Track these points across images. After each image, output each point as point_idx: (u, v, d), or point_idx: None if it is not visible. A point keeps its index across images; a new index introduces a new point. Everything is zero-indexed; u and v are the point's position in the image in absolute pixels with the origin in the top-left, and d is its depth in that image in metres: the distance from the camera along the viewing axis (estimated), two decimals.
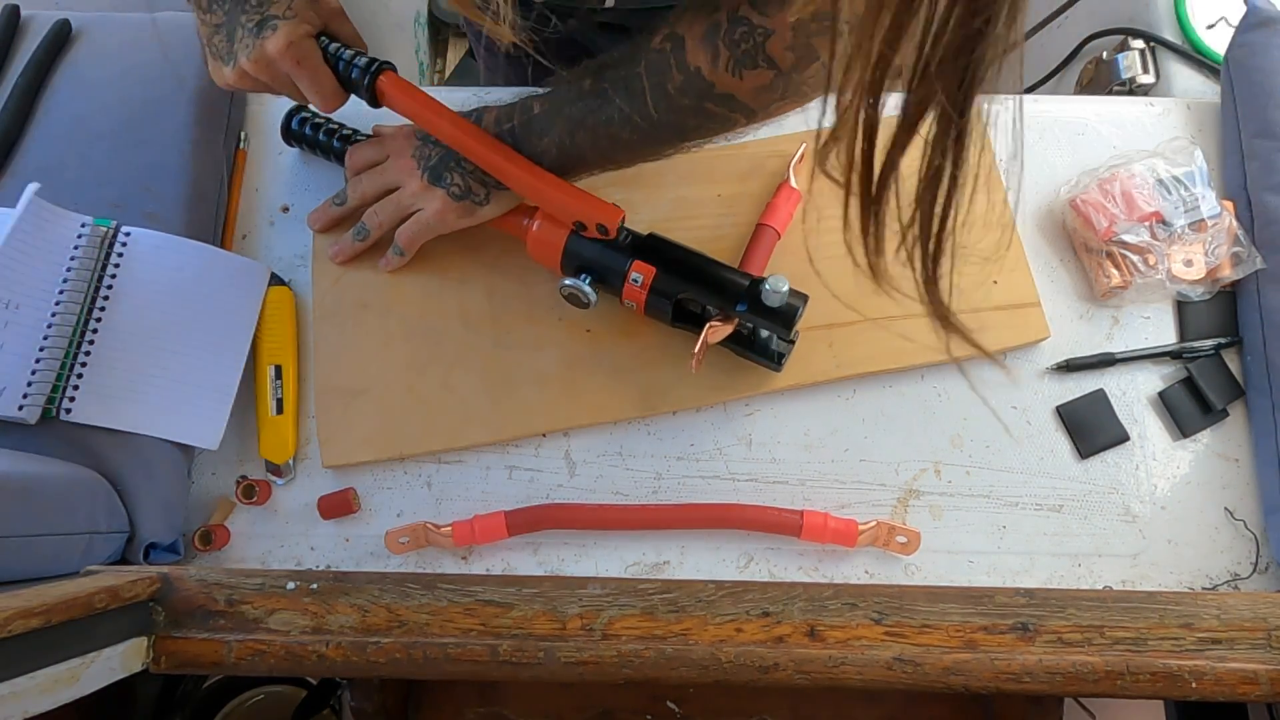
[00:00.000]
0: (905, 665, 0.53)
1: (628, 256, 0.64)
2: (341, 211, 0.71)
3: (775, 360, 0.65)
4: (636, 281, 0.64)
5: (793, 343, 0.66)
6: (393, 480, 0.69)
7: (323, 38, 0.64)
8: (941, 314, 0.44)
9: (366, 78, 0.64)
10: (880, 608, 0.55)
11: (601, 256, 0.65)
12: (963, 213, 0.40)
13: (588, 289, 0.65)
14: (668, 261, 0.64)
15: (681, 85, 0.56)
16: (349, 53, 0.65)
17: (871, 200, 0.40)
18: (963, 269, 0.69)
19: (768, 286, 0.61)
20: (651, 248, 0.65)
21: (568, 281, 0.65)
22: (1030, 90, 1.13)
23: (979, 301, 0.70)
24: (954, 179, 0.39)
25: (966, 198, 0.40)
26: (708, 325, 0.63)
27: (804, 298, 0.63)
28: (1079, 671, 0.53)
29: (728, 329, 0.64)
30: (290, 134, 0.75)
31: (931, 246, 0.41)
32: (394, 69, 0.66)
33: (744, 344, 0.66)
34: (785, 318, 0.62)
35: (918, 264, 0.42)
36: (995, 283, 0.70)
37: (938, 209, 0.40)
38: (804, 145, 0.71)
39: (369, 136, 0.72)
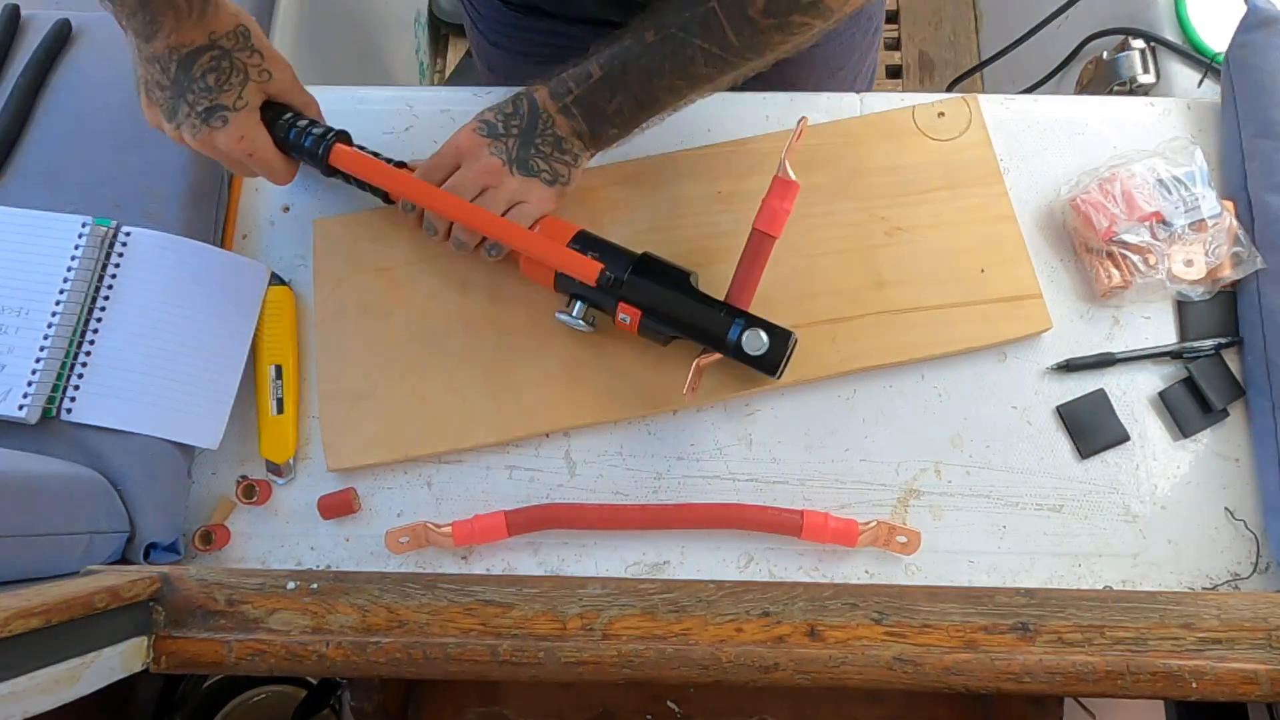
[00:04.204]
0: (905, 665, 0.53)
1: (614, 298, 0.65)
2: (434, 239, 0.68)
3: (773, 370, 0.64)
4: (625, 320, 0.65)
5: (790, 351, 0.65)
6: (393, 480, 0.69)
7: (270, 110, 0.65)
8: None
9: (320, 148, 0.66)
10: (880, 608, 0.55)
11: (590, 293, 0.65)
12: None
13: (581, 323, 0.66)
14: (651, 306, 0.64)
15: (765, 6, 0.55)
16: (303, 122, 0.66)
17: None
18: (956, 262, 0.70)
19: (745, 339, 0.62)
20: (636, 287, 0.64)
21: (561, 316, 0.66)
22: (1030, 90, 1.13)
23: (978, 293, 0.70)
24: None
25: None
26: (696, 359, 0.64)
27: (788, 339, 0.63)
28: (1079, 671, 0.53)
29: (718, 356, 0.65)
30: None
31: None
32: (348, 139, 0.68)
33: (741, 357, 0.65)
34: (768, 364, 0.63)
35: None
36: (983, 271, 0.70)
37: None
38: (800, 123, 0.64)
39: (341, 132, 0.68)
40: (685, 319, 0.64)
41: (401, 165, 0.68)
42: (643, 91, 0.61)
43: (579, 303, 0.66)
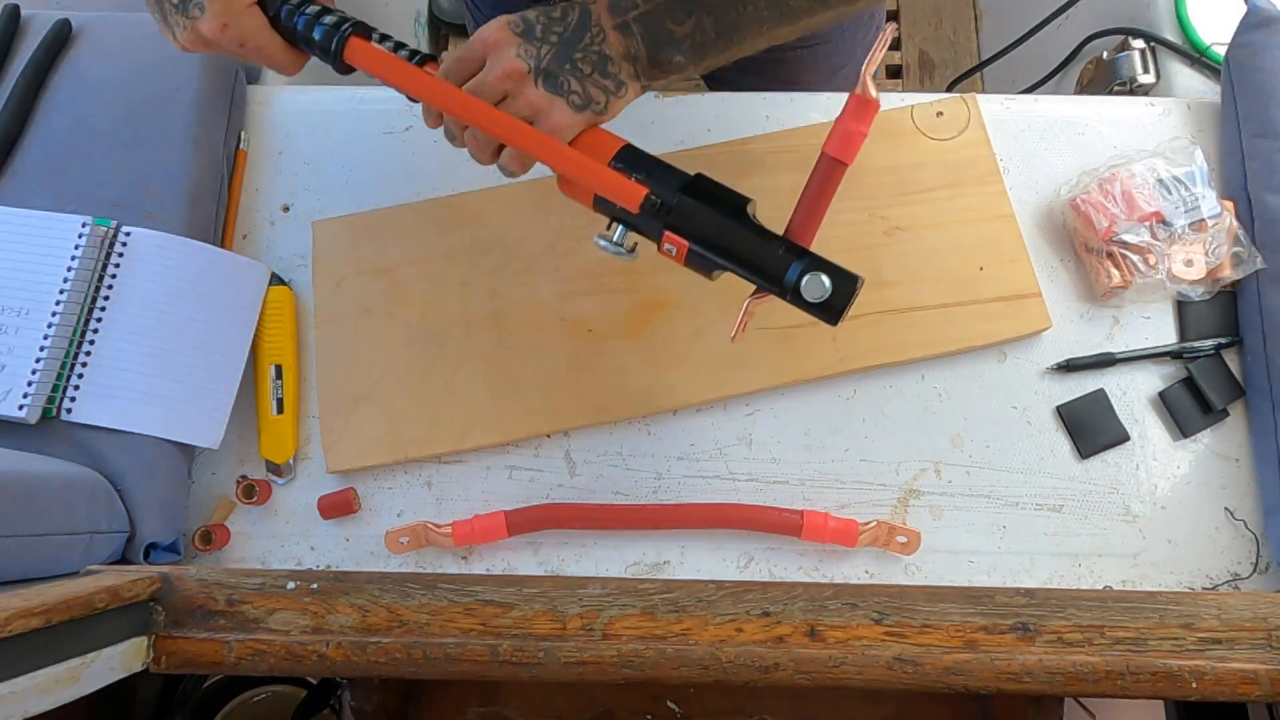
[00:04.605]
0: (905, 665, 0.53)
1: (659, 224, 0.56)
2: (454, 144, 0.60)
3: (835, 318, 0.55)
4: (670, 250, 0.57)
5: (855, 296, 0.55)
6: (393, 480, 0.69)
7: None
8: None
9: (334, 42, 0.57)
10: (880, 608, 0.55)
11: (633, 217, 0.57)
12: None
13: (621, 249, 0.57)
14: (701, 236, 0.55)
15: None
16: (312, 9, 0.58)
17: None
18: (955, 261, 0.70)
19: (805, 283, 0.54)
20: (684, 215, 0.56)
21: (599, 242, 0.58)
22: (1030, 90, 1.13)
23: (978, 292, 0.70)
24: None
25: None
26: (747, 301, 0.57)
27: (854, 284, 0.54)
28: (1079, 671, 0.53)
29: (769, 299, 0.57)
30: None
31: None
32: (365, 31, 0.59)
33: (798, 302, 0.56)
34: (829, 312, 0.55)
35: None
36: (982, 270, 0.70)
37: None
38: (888, 29, 0.55)
39: (358, 24, 0.59)
40: (739, 254, 0.56)
41: (430, 59, 0.59)
42: (724, 17, 0.54)
43: (620, 227, 0.57)
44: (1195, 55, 0.83)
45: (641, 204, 0.55)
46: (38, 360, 0.64)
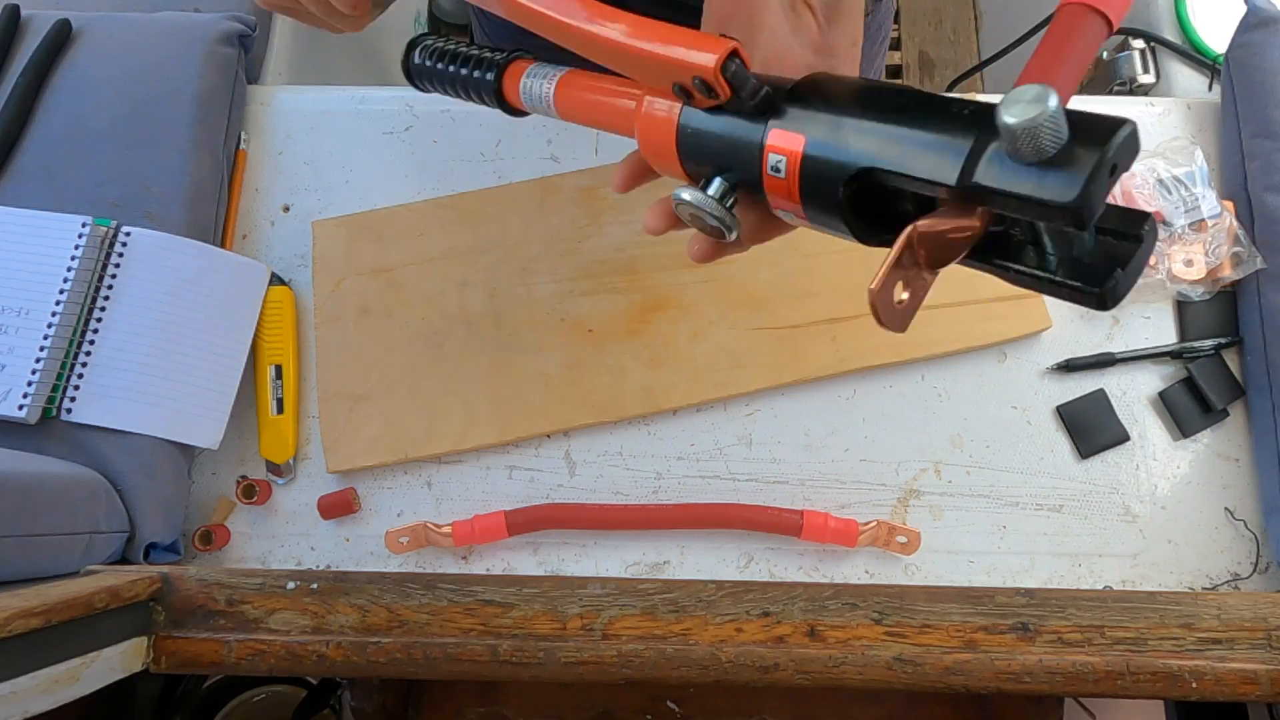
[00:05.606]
0: (905, 665, 0.53)
1: (761, 122, 0.37)
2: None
3: (1096, 283, 0.31)
4: (777, 170, 0.37)
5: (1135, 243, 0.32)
6: (393, 480, 0.69)
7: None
8: None
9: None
10: (880, 608, 0.55)
11: (727, 131, 0.38)
12: None
13: (714, 207, 0.39)
14: (828, 114, 0.35)
15: None
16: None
17: None
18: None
19: (1005, 119, 0.30)
20: (802, 98, 0.37)
21: (684, 194, 0.39)
22: None
23: (978, 292, 0.70)
24: None
25: None
26: (909, 228, 0.34)
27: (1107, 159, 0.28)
28: (1079, 671, 0.53)
29: (955, 228, 0.33)
30: (415, 72, 0.53)
31: None
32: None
33: (1011, 254, 0.34)
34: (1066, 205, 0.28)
35: None
36: None
37: None
38: None
39: (512, 52, 0.50)
40: (890, 121, 0.34)
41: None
42: None
43: (718, 179, 0.39)
44: (1195, 55, 0.83)
45: (730, 72, 0.36)
46: (38, 360, 0.64)
